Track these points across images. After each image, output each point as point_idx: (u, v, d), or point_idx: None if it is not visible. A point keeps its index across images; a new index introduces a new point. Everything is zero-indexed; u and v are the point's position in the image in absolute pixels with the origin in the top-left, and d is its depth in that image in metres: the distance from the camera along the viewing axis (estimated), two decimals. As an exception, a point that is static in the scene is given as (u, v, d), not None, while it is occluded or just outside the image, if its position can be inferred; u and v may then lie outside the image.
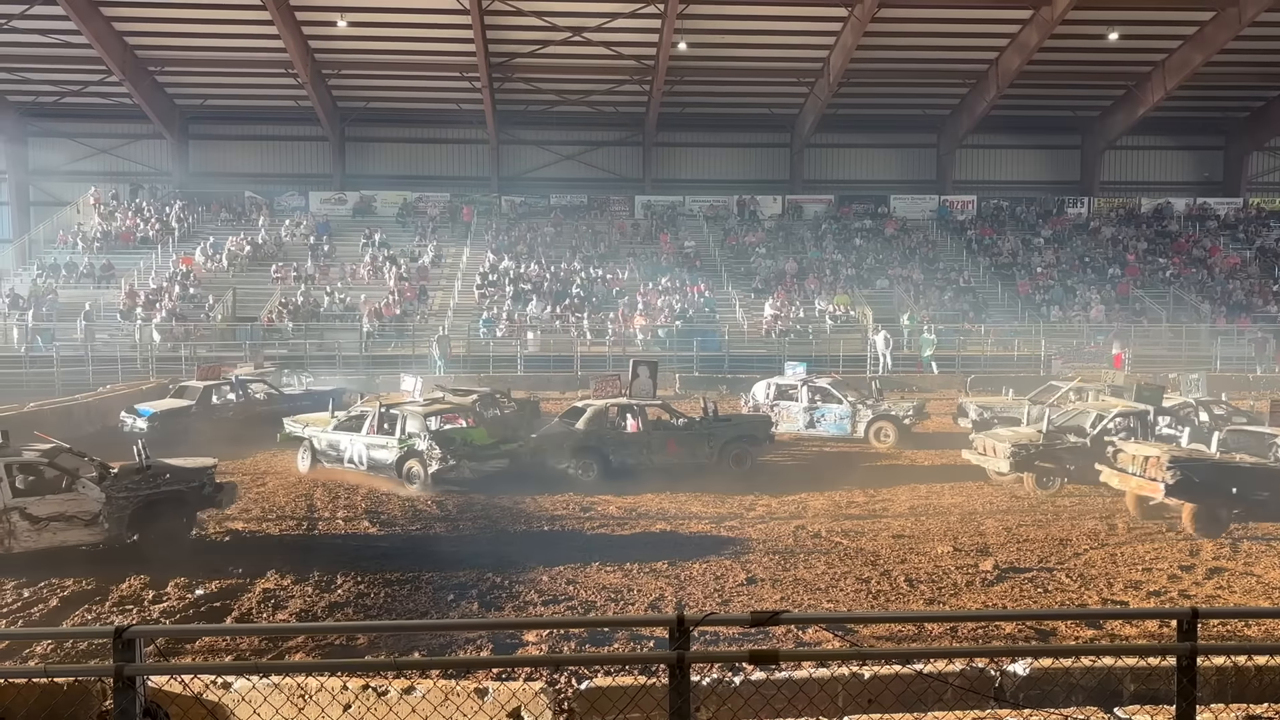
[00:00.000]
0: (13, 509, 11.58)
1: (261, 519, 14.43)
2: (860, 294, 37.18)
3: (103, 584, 11.07)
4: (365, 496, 15.78)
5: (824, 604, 10.50)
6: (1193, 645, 4.53)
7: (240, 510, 14.83)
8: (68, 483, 12.11)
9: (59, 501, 11.90)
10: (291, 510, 14.97)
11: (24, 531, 11.61)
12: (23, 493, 11.84)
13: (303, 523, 14.20)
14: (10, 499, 11.61)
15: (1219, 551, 12.44)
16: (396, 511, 14.90)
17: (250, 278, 36.98)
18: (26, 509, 11.66)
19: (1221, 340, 33.76)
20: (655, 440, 17.90)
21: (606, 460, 17.45)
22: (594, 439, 17.62)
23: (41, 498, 11.85)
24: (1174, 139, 45.63)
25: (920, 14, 34.76)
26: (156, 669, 4.80)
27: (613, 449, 17.63)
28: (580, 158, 44.77)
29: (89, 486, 12.14)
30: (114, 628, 4.28)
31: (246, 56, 37.99)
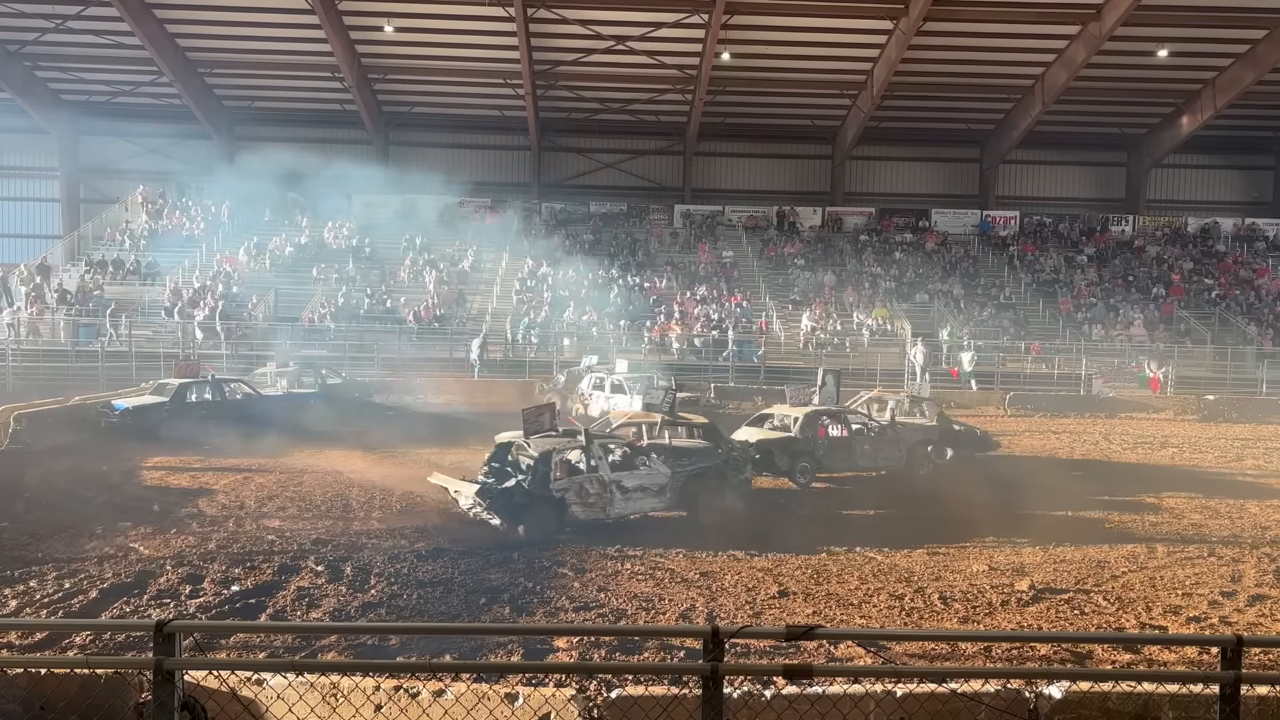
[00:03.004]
0: (612, 482, 14.19)
1: (298, 516, 14.56)
2: (899, 308, 36.94)
3: (141, 577, 11.22)
4: (400, 498, 15.88)
5: (857, 619, 10.42)
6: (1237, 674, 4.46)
7: (277, 508, 15.00)
8: (643, 460, 14.85)
9: (641, 475, 14.62)
10: (327, 509, 15.10)
11: (618, 500, 14.27)
12: (618, 468, 14.52)
13: (338, 522, 14.31)
14: (610, 474, 14.23)
15: (1261, 579, 12.21)
16: (430, 512, 14.98)
17: (292, 278, 37.39)
18: (621, 481, 14.32)
19: (1268, 363, 33.18)
20: (857, 443, 18.89)
21: (820, 463, 18.36)
22: (807, 443, 18.41)
23: (631, 472, 14.60)
24: (1223, 158, 45.00)
25: (965, 28, 34.56)
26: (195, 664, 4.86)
27: (824, 452, 18.53)
28: (621, 166, 44.89)
29: (658, 462, 14.85)
30: (155, 622, 4.34)
31: (294, 60, 38.52)
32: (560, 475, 13.88)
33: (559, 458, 14.04)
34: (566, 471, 14.02)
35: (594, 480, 14.08)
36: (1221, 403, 29.87)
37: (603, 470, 14.16)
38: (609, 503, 14.12)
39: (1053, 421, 27.56)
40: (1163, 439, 25.05)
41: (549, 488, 13.70)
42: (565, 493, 13.81)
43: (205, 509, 14.92)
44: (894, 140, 43.93)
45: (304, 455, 19.60)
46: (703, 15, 33.68)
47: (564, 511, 13.81)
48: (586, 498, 13.97)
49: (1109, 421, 27.97)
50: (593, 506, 14.02)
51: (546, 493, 13.67)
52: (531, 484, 13.69)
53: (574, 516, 13.88)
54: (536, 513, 13.59)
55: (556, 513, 13.77)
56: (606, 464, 14.27)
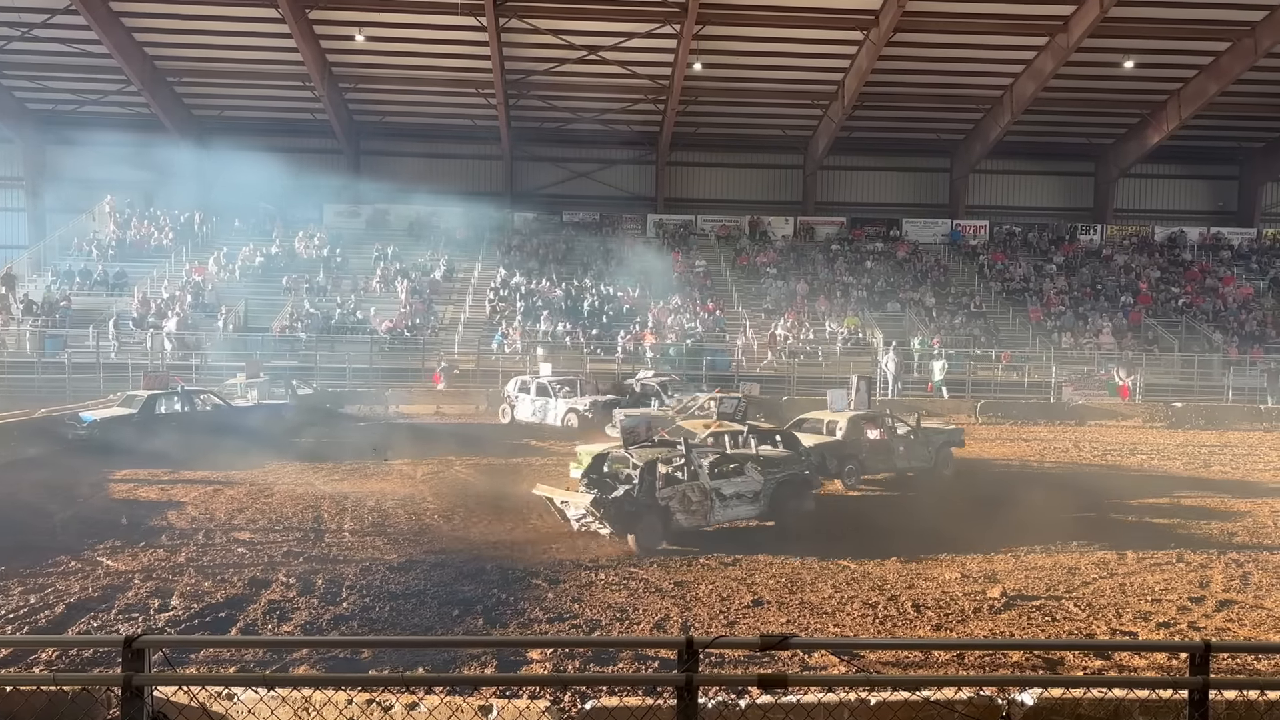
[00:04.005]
0: (712, 490, 14.49)
1: (268, 529, 14.43)
2: (871, 316, 37.17)
3: (109, 591, 11.08)
4: (373, 510, 15.78)
5: (830, 628, 10.45)
6: (1205, 679, 4.50)
7: (247, 520, 14.87)
8: (738, 468, 15.23)
9: (737, 483, 14.95)
10: (299, 522, 14.97)
11: (718, 507, 14.56)
12: (715, 476, 14.84)
13: (309, 534, 14.19)
14: (710, 482, 14.54)
15: (1229, 584, 12.35)
16: (403, 524, 14.90)
17: (262, 288, 37.14)
18: (720, 489, 14.62)
19: (1234, 371, 33.62)
20: (894, 445, 19.59)
21: (863, 465, 19.05)
22: (852, 447, 19.11)
23: (727, 480, 14.91)
24: (1188, 168, 45.62)
25: (935, 39, 34.86)
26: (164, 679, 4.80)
27: (867, 455, 19.19)
28: (593, 175, 44.93)
29: (753, 470, 15.22)
30: (123, 637, 4.28)
31: (264, 69, 38.30)
32: (664, 484, 14.11)
33: (663, 467, 14.31)
34: (669, 480, 14.26)
35: (695, 489, 14.36)
36: (1189, 410, 30.23)
37: (703, 479, 14.54)
38: (710, 510, 14.45)
39: (1023, 429, 27.79)
40: (1131, 446, 25.32)
41: (655, 496, 13.89)
42: (670, 501, 14.03)
43: (174, 522, 14.76)
44: (865, 150, 44.23)
45: (275, 467, 19.44)
46: (674, 26, 33.80)
47: (669, 520, 14.02)
48: (689, 506, 14.23)
49: (1079, 429, 28.23)
50: (695, 514, 14.30)
51: (653, 501, 13.85)
52: (640, 493, 13.80)
53: (678, 524, 14.12)
54: (646, 520, 13.76)
55: (663, 521, 13.98)
56: (706, 473, 14.67)
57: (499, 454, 21.47)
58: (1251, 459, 23.58)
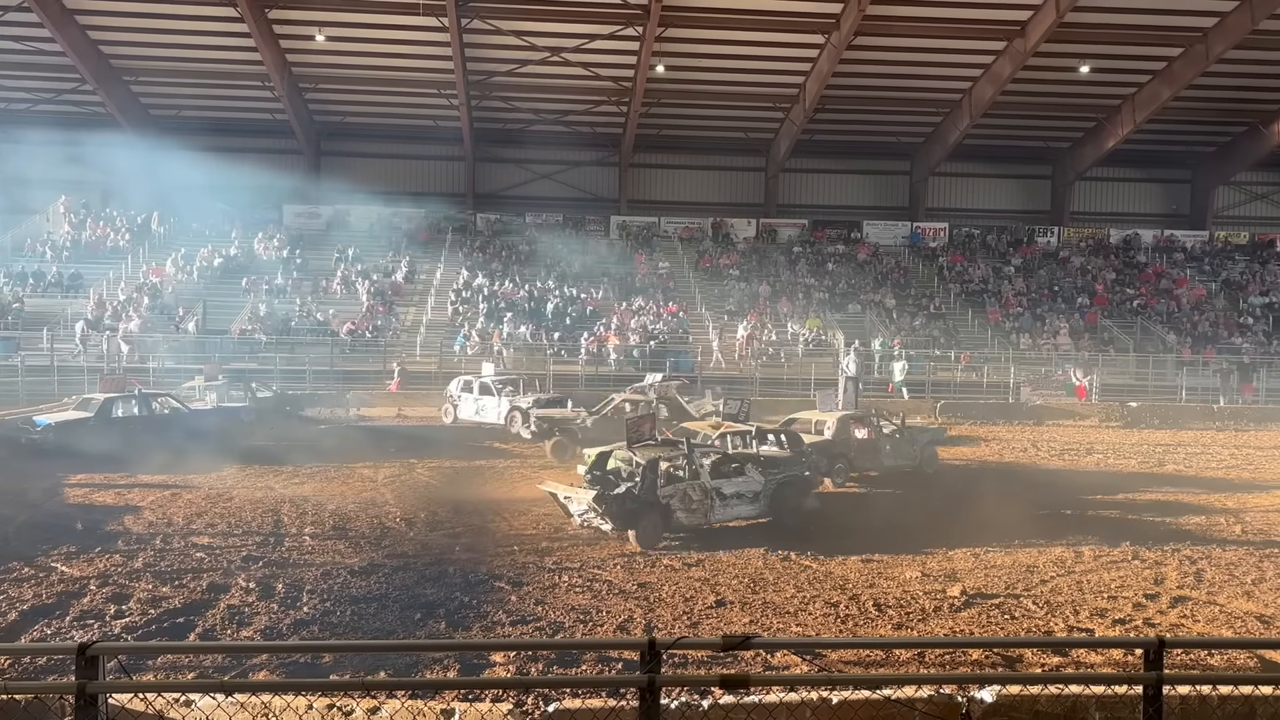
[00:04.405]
0: (713, 489, 14.73)
1: (228, 533, 14.26)
2: (832, 318, 37.39)
3: (63, 598, 10.90)
4: (333, 513, 15.64)
5: (793, 628, 10.50)
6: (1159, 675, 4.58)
7: (206, 525, 14.69)
8: (739, 468, 15.43)
9: (738, 483, 15.19)
10: (258, 526, 14.81)
11: (718, 506, 14.79)
12: (716, 475, 15.07)
13: (269, 538, 14.04)
14: (711, 481, 14.76)
15: (1183, 580, 12.56)
16: (365, 528, 14.78)
17: (221, 290, 36.71)
18: (720, 488, 14.86)
19: (1187, 371, 34.19)
20: (881, 444, 20.12)
21: (852, 463, 19.58)
22: (841, 446, 19.62)
23: (728, 479, 15.15)
24: (1143, 171, 46.33)
25: (895, 43, 35.16)
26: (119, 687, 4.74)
27: (855, 454, 19.71)
28: (557, 177, 44.84)
29: (753, 471, 15.41)
30: (77, 644, 4.22)
31: (223, 68, 37.87)
32: (666, 482, 14.38)
33: (665, 465, 14.62)
34: (671, 479, 14.55)
35: (696, 487, 14.63)
36: (1144, 409, 30.68)
37: (704, 478, 14.81)
38: (710, 509, 14.72)
39: (982, 429, 28.07)
40: (1088, 445, 25.66)
41: (657, 494, 14.16)
42: (671, 499, 14.30)
43: (131, 527, 14.54)
44: (826, 153, 44.49)
45: (234, 471, 19.22)
46: (637, 28, 33.82)
47: (670, 517, 14.31)
48: (690, 504, 14.49)
49: (1037, 429, 28.55)
50: (695, 512, 14.56)
51: (655, 499, 14.14)
52: (642, 490, 14.09)
53: (679, 522, 14.42)
54: (647, 518, 14.03)
55: (664, 518, 14.25)
56: (707, 472, 14.92)
57: (462, 456, 21.37)
58: (1204, 457, 24.00)
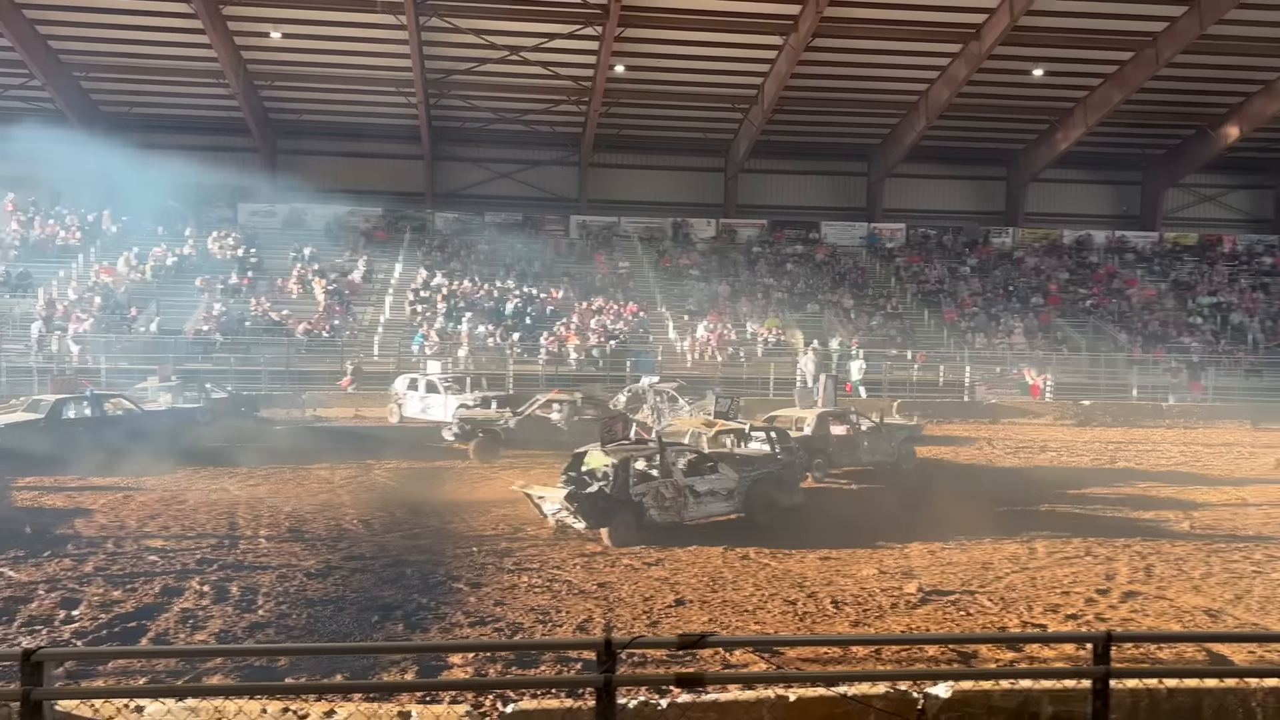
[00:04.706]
0: (686, 487, 14.82)
1: (181, 536, 14.07)
2: (791, 318, 37.61)
3: (10, 603, 10.69)
4: (289, 515, 15.48)
5: (752, 626, 10.55)
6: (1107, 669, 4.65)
7: (159, 527, 14.48)
8: (713, 466, 15.43)
9: (712, 480, 15.24)
10: (213, 528, 14.62)
11: (692, 504, 14.84)
12: (689, 473, 15.19)
13: (224, 541, 13.87)
14: (684, 479, 14.88)
15: (1134, 576, 12.77)
16: (322, 530, 14.65)
17: (175, 289, 36.21)
18: (694, 486, 14.95)
19: (1138, 370, 34.79)
20: (859, 440, 20.53)
21: (831, 459, 19.91)
22: (820, 442, 19.95)
23: (701, 477, 15.22)
24: (1095, 173, 47.01)
25: (853, 45, 35.43)
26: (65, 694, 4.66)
27: (834, 450, 20.12)
28: (516, 176, 44.69)
29: (726, 469, 15.44)
30: (21, 650, 4.14)
31: (176, 65, 37.34)
32: (639, 480, 14.44)
33: (637, 464, 14.68)
34: (644, 477, 14.61)
35: (669, 485, 14.67)
36: (1096, 408, 31.19)
37: (677, 476, 14.93)
38: (684, 506, 14.80)
39: (938, 428, 28.34)
40: (1042, 443, 26.04)
41: (629, 492, 14.23)
42: (644, 497, 14.36)
43: (82, 530, 14.29)
44: (785, 154, 44.70)
45: (188, 473, 18.97)
46: (596, 28, 33.81)
47: (643, 515, 14.37)
48: (663, 502, 14.55)
49: (992, 427, 28.91)
50: (669, 510, 14.61)
51: (627, 497, 14.21)
52: (613, 489, 14.17)
53: (651, 520, 14.45)
54: (619, 516, 14.09)
55: (636, 516, 14.30)
56: (680, 470, 15.07)
57: (420, 457, 21.23)
58: (1155, 454, 24.45)
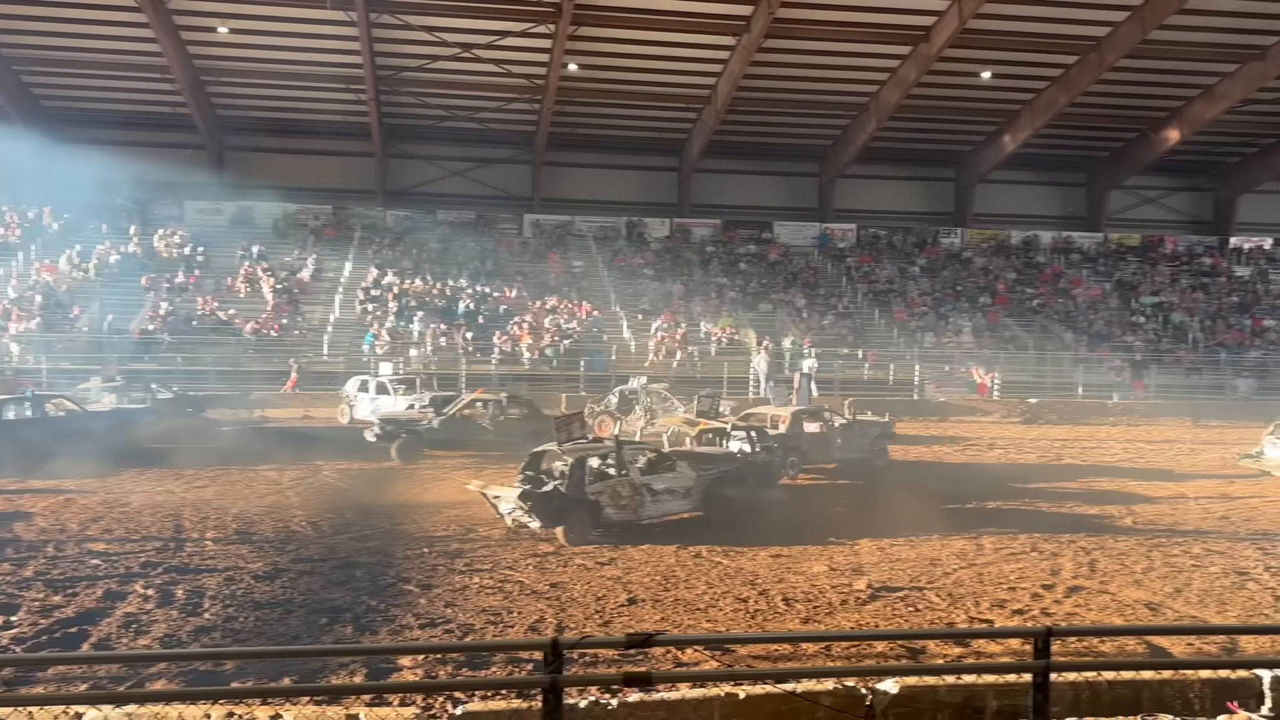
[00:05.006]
0: (642, 485, 14.79)
1: (125, 539, 13.82)
2: (744, 317, 37.79)
3: (-53, 610, 10.45)
4: (237, 517, 15.28)
5: (703, 624, 10.60)
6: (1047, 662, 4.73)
7: (102, 530, 14.23)
8: (670, 465, 15.48)
9: (669, 479, 15.23)
10: (158, 530, 14.39)
11: (649, 502, 14.82)
12: (646, 472, 15.17)
13: (169, 543, 13.65)
14: (640, 477, 14.89)
15: (1078, 571, 13.00)
16: (270, 532, 14.48)
17: (119, 288, 35.56)
18: (650, 484, 14.92)
19: (1083, 368, 35.41)
20: (832, 438, 20.89)
21: (805, 456, 20.13)
22: (794, 439, 20.13)
23: (658, 475, 15.22)
24: (1041, 175, 47.68)
25: (804, 46, 35.64)
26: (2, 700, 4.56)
27: (808, 447, 20.38)
28: (468, 174, 44.41)
29: (684, 467, 15.50)
30: (-45, 658, 4.05)
31: (120, 59, 36.63)
32: (595, 479, 14.46)
33: (593, 464, 14.69)
34: (600, 476, 14.64)
35: (626, 484, 14.69)
36: (1043, 406, 31.71)
37: (633, 475, 14.92)
38: (640, 505, 14.82)
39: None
40: (990, 441, 26.42)
41: (585, 491, 14.23)
42: (600, 496, 14.37)
43: (22, 534, 14.00)
44: (738, 154, 44.84)
45: (132, 475, 18.66)
46: (549, 26, 33.71)
47: (599, 514, 14.39)
48: (619, 500, 14.57)
49: (941, 424, 29.27)
50: (625, 508, 14.63)
51: (583, 496, 14.22)
52: (569, 488, 14.16)
53: (608, 518, 14.49)
54: (574, 515, 14.11)
55: (592, 515, 14.31)
56: (636, 468, 15.08)
57: (370, 458, 21.04)
58: (1099, 451, 24.91)
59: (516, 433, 21.11)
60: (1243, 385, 35.17)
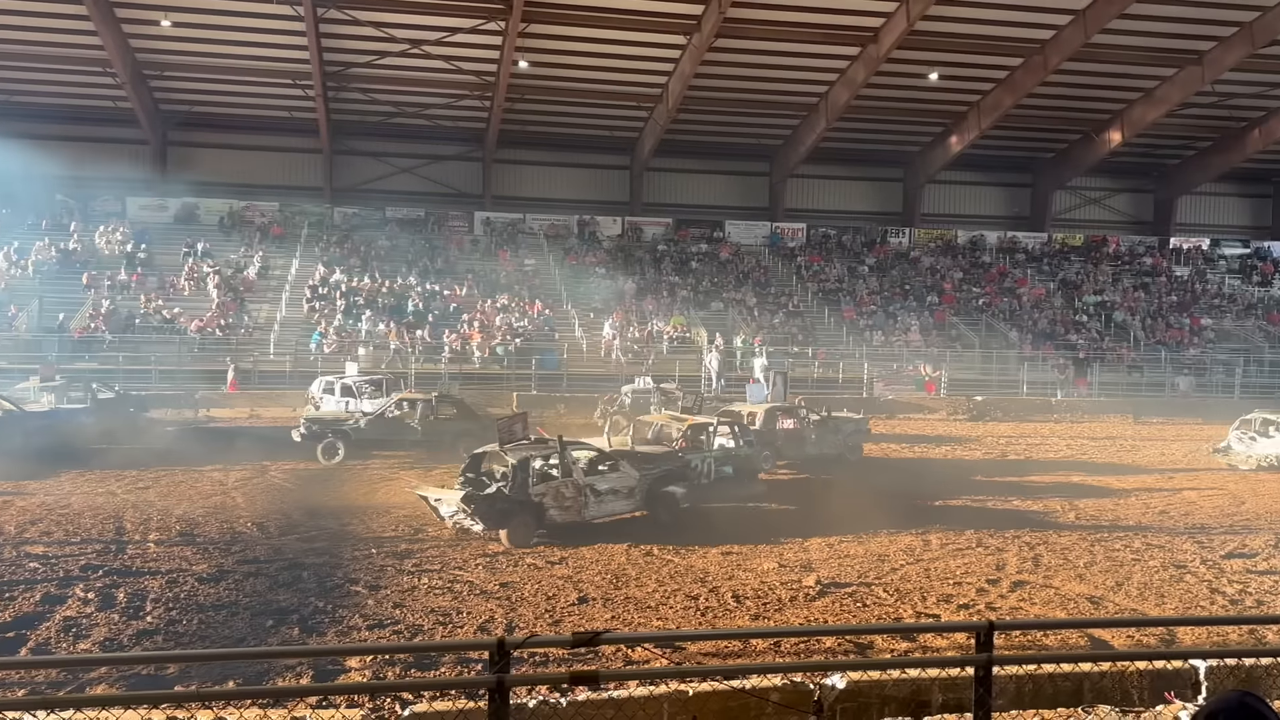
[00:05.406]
0: (586, 486, 14.76)
1: (65, 541, 13.54)
2: (696, 316, 37.91)
3: (-123, 616, 10.17)
4: (180, 519, 15.03)
5: (654, 622, 10.62)
6: (989, 656, 4.80)
7: (41, 533, 13.92)
8: (613, 465, 15.44)
9: (612, 479, 15.23)
10: (99, 533, 14.11)
11: (592, 502, 14.79)
12: (590, 473, 15.13)
13: (110, 546, 13.39)
14: (583, 478, 14.82)
15: (1022, 566, 13.21)
16: (214, 533, 14.26)
17: (59, 286, 34.79)
18: (594, 485, 14.91)
19: (1028, 366, 35.99)
20: (806, 434, 21.44)
21: (779, 452, 20.67)
22: (769, 436, 20.57)
23: (602, 476, 15.21)
24: (987, 175, 48.39)
25: (755, 46, 35.79)
26: (-68, 708, 4.44)
27: (783, 443, 20.92)
28: (418, 171, 44.05)
29: (627, 466, 15.43)
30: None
31: (59, 52, 35.80)
32: (538, 481, 14.41)
33: (536, 465, 14.62)
34: (543, 477, 14.59)
35: (569, 485, 14.65)
36: (988, 403, 32.19)
37: (577, 475, 14.87)
38: (584, 505, 14.77)
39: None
40: (937, 437, 26.74)
41: (528, 493, 14.18)
42: (543, 497, 14.32)
43: (-44, 538, 13.66)
44: (689, 153, 44.95)
45: (72, 476, 18.29)
46: (499, 23, 33.51)
47: (543, 515, 14.34)
48: (563, 501, 14.53)
49: (889, 421, 29.56)
50: (569, 509, 14.59)
51: (526, 497, 14.16)
52: (512, 490, 14.10)
53: (552, 520, 14.43)
54: (517, 517, 14.03)
55: (535, 517, 14.26)
56: (580, 469, 15.02)
57: (317, 458, 20.78)
58: (1043, 447, 25.34)
59: (447, 433, 21.14)
60: (1183, 383, 35.95)
